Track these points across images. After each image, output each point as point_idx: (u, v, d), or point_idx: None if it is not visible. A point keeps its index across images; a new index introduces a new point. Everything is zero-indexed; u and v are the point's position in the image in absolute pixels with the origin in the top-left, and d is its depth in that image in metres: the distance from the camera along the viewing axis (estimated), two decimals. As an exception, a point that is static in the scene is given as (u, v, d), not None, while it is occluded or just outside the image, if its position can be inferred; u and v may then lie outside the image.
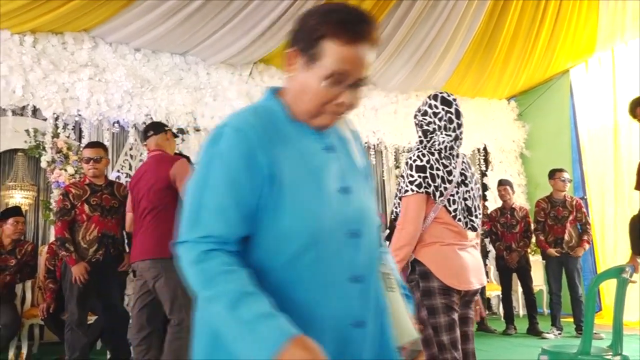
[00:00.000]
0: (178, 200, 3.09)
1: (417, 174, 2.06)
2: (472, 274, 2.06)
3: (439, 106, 2.16)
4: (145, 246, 3.07)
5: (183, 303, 2.99)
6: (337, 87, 1.03)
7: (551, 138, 7.89)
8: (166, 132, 3.39)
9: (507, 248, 5.80)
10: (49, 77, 5.34)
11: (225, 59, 6.17)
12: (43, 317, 4.41)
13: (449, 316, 2.01)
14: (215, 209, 0.99)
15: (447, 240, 2.06)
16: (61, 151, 5.36)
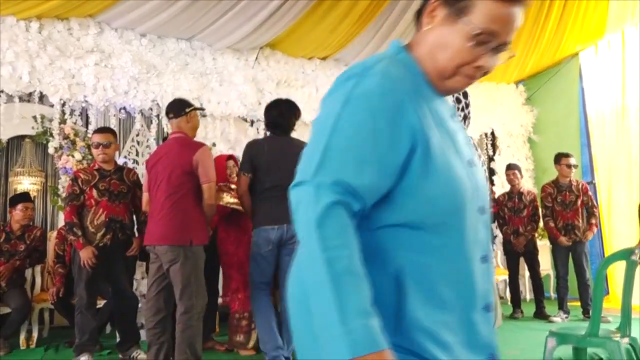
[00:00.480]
0: (198, 186, 3.14)
1: None
2: None
3: None
4: (165, 231, 3.07)
5: (194, 290, 3.01)
6: (480, 48, 0.92)
7: (559, 122, 7.82)
8: (186, 115, 3.30)
9: (515, 232, 5.78)
10: (55, 63, 5.34)
11: (231, 44, 6.13)
12: (53, 302, 4.46)
13: None
14: (350, 153, 0.85)
15: None
16: (68, 137, 5.37)
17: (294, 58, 6.73)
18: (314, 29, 6.19)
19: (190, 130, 3.33)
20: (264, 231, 3.31)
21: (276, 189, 3.32)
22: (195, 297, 3.01)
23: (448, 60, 0.94)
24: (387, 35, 6.50)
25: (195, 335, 2.99)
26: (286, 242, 3.34)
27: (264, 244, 3.31)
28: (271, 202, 3.33)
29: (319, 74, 6.86)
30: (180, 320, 3.01)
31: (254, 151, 3.43)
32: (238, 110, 6.18)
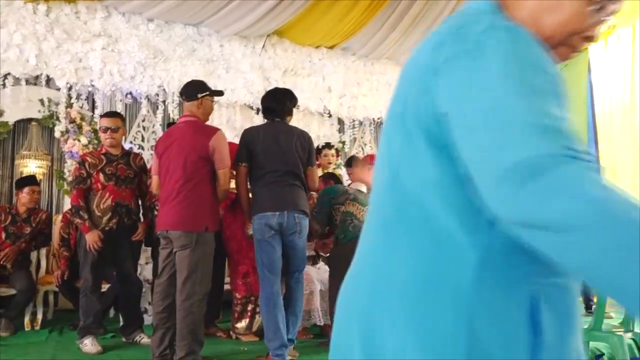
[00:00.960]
0: (213, 172, 3.15)
1: None
2: None
3: None
4: (180, 217, 3.04)
5: (198, 278, 3.02)
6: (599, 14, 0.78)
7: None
8: (198, 99, 3.23)
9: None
10: (62, 47, 5.34)
11: (239, 30, 6.11)
12: (57, 284, 4.49)
13: None
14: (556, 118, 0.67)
15: None
16: (74, 121, 5.38)
17: (301, 46, 6.70)
18: (322, 17, 6.16)
19: (202, 115, 3.27)
20: (264, 217, 3.28)
21: (275, 174, 3.30)
22: (199, 284, 3.02)
23: (559, 25, 0.79)
24: (395, 24, 6.46)
25: (196, 321, 3.01)
26: (286, 230, 3.32)
27: (266, 229, 3.29)
28: (270, 187, 3.31)
29: (326, 63, 6.83)
30: (182, 307, 3.02)
31: (249, 138, 3.40)
32: (244, 98, 6.17)
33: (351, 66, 7.05)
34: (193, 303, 3.01)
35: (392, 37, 6.71)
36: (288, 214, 3.28)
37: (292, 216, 3.31)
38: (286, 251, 3.39)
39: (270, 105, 3.53)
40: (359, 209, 3.83)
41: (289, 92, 3.64)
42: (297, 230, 3.33)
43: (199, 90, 3.26)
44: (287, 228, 3.31)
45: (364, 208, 3.83)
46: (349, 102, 6.95)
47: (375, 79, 7.19)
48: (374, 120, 7.22)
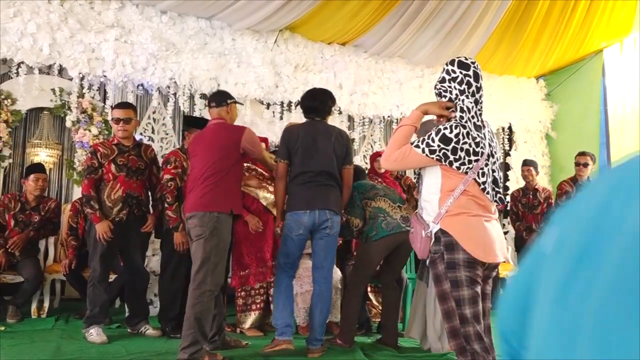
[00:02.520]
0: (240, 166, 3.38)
1: (438, 142, 2.06)
2: (497, 246, 2.06)
3: (457, 70, 2.15)
4: (201, 200, 3.12)
5: (210, 268, 3.06)
6: None
7: (579, 120, 7.74)
8: (228, 105, 3.42)
9: (527, 229, 5.77)
10: (75, 37, 5.37)
11: (251, 25, 6.12)
12: (65, 273, 4.54)
13: (473, 289, 2.00)
14: None
15: (474, 211, 2.05)
16: (86, 111, 5.42)
17: (313, 42, 6.70)
18: (335, 14, 6.16)
19: (230, 119, 3.44)
20: (296, 214, 3.41)
21: (309, 174, 3.43)
22: (210, 275, 3.06)
23: None
24: (409, 22, 6.45)
25: (204, 311, 3.04)
26: (319, 226, 3.43)
27: (296, 226, 3.41)
28: (304, 187, 3.43)
29: (338, 60, 6.83)
30: (192, 295, 3.06)
31: (289, 136, 3.53)
32: (255, 93, 6.18)
33: (363, 63, 7.04)
34: (203, 293, 3.04)
35: (404, 36, 6.69)
36: (319, 212, 3.39)
37: (323, 213, 3.42)
38: (315, 247, 3.50)
39: (312, 104, 3.61)
40: (391, 205, 3.80)
41: (329, 92, 3.74)
42: (328, 225, 3.43)
43: (228, 97, 3.49)
44: (319, 224, 3.42)
45: (395, 205, 3.80)
46: (360, 99, 6.94)
47: (387, 77, 7.18)
48: (383, 118, 7.21)
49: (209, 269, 3.06)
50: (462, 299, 2.00)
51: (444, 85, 2.15)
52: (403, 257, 3.90)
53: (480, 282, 2.04)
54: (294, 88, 6.45)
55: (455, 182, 2.05)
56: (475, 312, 2.00)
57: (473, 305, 2.00)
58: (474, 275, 2.00)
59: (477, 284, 2.02)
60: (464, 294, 2.00)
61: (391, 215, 3.73)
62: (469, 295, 2.00)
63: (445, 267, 2.02)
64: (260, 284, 4.16)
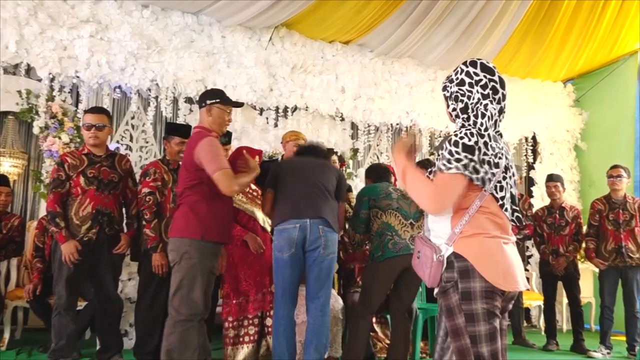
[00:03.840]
0: (206, 187, 3.13)
1: (463, 153, 1.97)
2: (518, 273, 2.00)
3: (480, 73, 2.09)
4: (175, 224, 3.18)
5: (184, 294, 3.04)
6: None
7: (612, 129, 7.72)
8: (206, 106, 3.29)
9: (554, 252, 5.71)
10: (45, 33, 5.37)
11: (243, 21, 6.12)
12: (28, 300, 4.48)
13: (491, 324, 1.94)
14: None
15: (492, 232, 1.99)
16: (56, 116, 5.40)
17: (313, 40, 6.71)
18: (337, 9, 6.17)
19: (211, 124, 3.28)
20: (285, 231, 3.40)
21: (296, 186, 3.52)
22: (185, 303, 3.03)
23: None
24: (418, 20, 6.46)
25: (175, 342, 3.01)
26: (310, 245, 3.38)
27: (286, 245, 3.38)
28: (291, 197, 3.49)
29: (340, 60, 6.83)
30: (166, 325, 3.08)
31: (276, 165, 3.75)
32: (247, 97, 6.17)
33: (368, 64, 7.04)
34: (176, 322, 3.03)
35: (415, 34, 6.70)
36: (311, 225, 3.37)
37: (315, 227, 3.39)
38: (308, 274, 3.44)
39: (307, 149, 3.88)
40: (401, 222, 3.78)
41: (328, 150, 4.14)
42: (320, 244, 3.39)
43: (209, 97, 3.31)
44: (310, 242, 3.39)
45: (407, 222, 3.78)
46: (365, 104, 6.93)
47: (395, 80, 7.18)
48: (391, 126, 7.19)
49: (182, 295, 3.04)
50: (479, 335, 1.94)
51: (463, 88, 2.10)
52: (414, 284, 3.85)
53: (499, 315, 1.98)
54: (291, 92, 6.45)
55: (470, 198, 2.00)
56: (493, 349, 1.95)
57: (491, 342, 1.94)
58: (492, 307, 1.95)
59: (496, 318, 1.96)
60: (480, 330, 1.94)
61: (400, 235, 3.70)
62: (486, 331, 1.94)
63: (459, 298, 1.97)
64: (256, 313, 4.11)
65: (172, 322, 3.06)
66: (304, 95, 6.55)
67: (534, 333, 6.73)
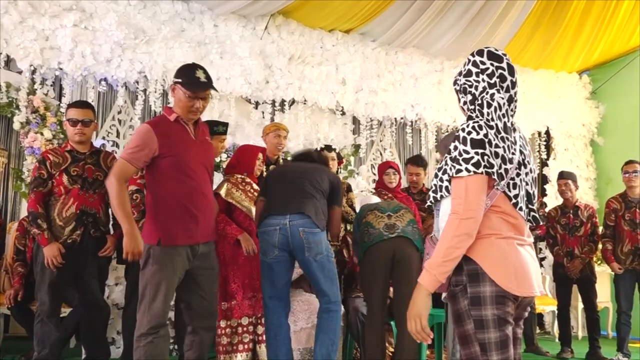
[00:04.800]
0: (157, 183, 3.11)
1: (473, 150, 1.95)
2: (533, 277, 1.99)
3: (486, 61, 2.09)
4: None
5: (146, 305, 3.01)
6: None
7: (630, 123, 7.72)
8: (172, 84, 3.13)
9: (568, 254, 5.72)
10: (26, 22, 5.36)
11: (237, 8, 6.12)
12: (9, 306, 4.49)
13: (502, 331, 1.93)
14: None
15: (504, 233, 1.98)
16: (37, 111, 5.40)
17: (311, 29, 6.71)
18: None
19: (175, 107, 3.16)
20: (266, 233, 3.56)
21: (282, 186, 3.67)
22: (146, 313, 2.99)
23: None
24: (424, 8, 6.46)
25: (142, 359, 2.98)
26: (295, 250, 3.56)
27: (268, 248, 3.55)
28: (274, 196, 3.66)
29: (341, 50, 6.84)
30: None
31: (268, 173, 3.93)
32: (241, 89, 6.18)
33: (370, 55, 7.04)
34: (139, 337, 3.00)
35: (420, 22, 6.70)
36: (291, 227, 3.47)
37: (295, 230, 3.49)
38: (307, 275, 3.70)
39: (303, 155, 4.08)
40: (376, 215, 3.96)
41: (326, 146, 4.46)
42: (304, 247, 3.51)
43: (175, 75, 3.14)
44: (293, 245, 3.51)
45: (383, 214, 3.95)
46: (367, 97, 6.93)
47: (399, 71, 7.18)
48: (395, 120, 7.20)
49: (145, 306, 2.99)
50: (489, 342, 1.93)
51: (470, 79, 2.10)
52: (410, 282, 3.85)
53: (511, 321, 1.97)
54: (288, 84, 6.45)
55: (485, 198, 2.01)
56: (504, 359, 1.96)
57: (502, 351, 1.93)
58: (503, 314, 1.94)
59: (508, 324, 1.95)
60: (490, 337, 1.93)
61: (373, 226, 3.84)
62: (496, 339, 1.93)
63: (468, 303, 1.96)
64: (249, 319, 4.12)
65: (135, 336, 3.01)
66: (302, 88, 6.55)
67: (548, 340, 6.75)
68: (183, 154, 3.07)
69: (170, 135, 3.05)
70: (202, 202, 3.12)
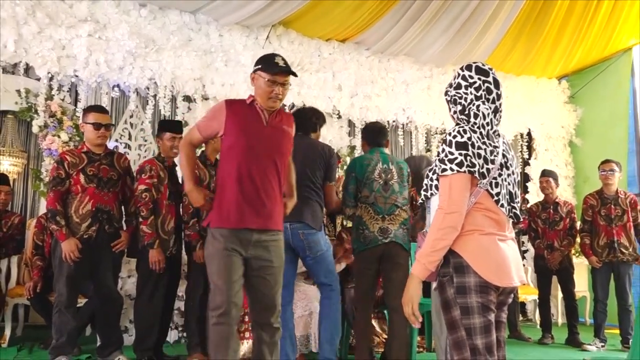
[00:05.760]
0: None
1: (457, 151, 2.03)
2: (513, 269, 2.04)
3: (474, 76, 2.16)
4: None
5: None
6: None
7: (606, 125, 7.75)
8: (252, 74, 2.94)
9: (549, 247, 5.73)
10: (44, 32, 5.36)
11: (240, 19, 6.12)
12: (29, 297, 4.49)
13: (485, 317, 1.98)
14: None
15: (487, 229, 2.03)
16: (55, 115, 5.40)
17: (310, 39, 6.71)
18: (334, 7, 6.17)
19: (255, 96, 2.93)
20: None
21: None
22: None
23: None
24: (414, 18, 6.46)
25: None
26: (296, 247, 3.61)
27: None
28: None
29: (337, 58, 6.84)
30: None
31: None
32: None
33: (364, 62, 7.05)
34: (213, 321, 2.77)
35: (411, 32, 6.70)
36: (292, 230, 3.52)
37: (295, 232, 3.55)
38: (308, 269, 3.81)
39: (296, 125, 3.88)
40: (372, 216, 3.83)
41: (315, 110, 4.07)
42: (305, 247, 3.61)
43: (256, 64, 2.96)
44: (295, 245, 3.59)
45: (378, 216, 3.82)
46: (361, 102, 6.94)
47: (391, 78, 7.19)
48: (388, 123, 7.19)
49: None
50: (474, 327, 1.98)
51: (460, 91, 2.16)
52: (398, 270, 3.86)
53: (494, 309, 2.02)
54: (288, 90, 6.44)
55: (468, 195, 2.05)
56: (488, 342, 1.99)
57: (486, 335, 1.98)
58: (486, 302, 1.98)
59: (491, 312, 2.00)
60: (475, 322, 1.98)
61: (369, 228, 3.80)
62: (480, 324, 1.98)
63: (454, 292, 2.01)
64: None
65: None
66: (301, 93, 6.55)
67: (530, 327, 6.76)
68: (248, 136, 2.78)
69: (240, 116, 2.81)
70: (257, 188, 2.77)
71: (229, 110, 2.80)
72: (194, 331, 4.15)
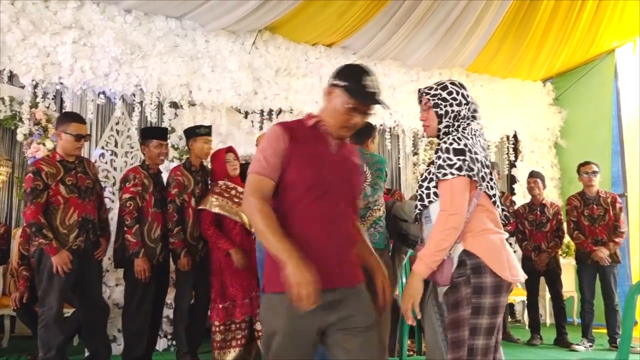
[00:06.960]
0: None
1: (455, 157, 2.11)
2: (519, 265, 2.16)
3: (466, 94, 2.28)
4: None
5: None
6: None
7: (590, 127, 7.80)
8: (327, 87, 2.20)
9: (536, 248, 5.76)
10: (28, 39, 5.29)
11: (227, 25, 6.09)
12: (15, 308, 4.42)
13: (493, 319, 2.06)
14: None
15: (494, 228, 2.13)
16: (40, 123, 5.33)
17: (296, 44, 6.69)
18: (320, 12, 6.15)
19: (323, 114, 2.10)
20: None
21: None
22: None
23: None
24: (401, 22, 6.46)
25: None
26: None
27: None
28: None
29: (324, 63, 6.83)
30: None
31: None
32: (231, 100, 6.14)
33: (351, 67, 7.03)
34: None
35: (397, 36, 6.71)
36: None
37: None
38: None
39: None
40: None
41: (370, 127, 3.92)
42: None
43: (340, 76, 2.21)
44: None
45: None
46: (349, 106, 6.92)
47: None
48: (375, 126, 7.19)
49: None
50: (479, 327, 2.03)
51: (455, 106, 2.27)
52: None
53: (502, 312, 2.10)
54: (275, 95, 6.43)
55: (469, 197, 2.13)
56: (487, 345, 2.05)
57: (488, 337, 2.05)
58: (497, 303, 2.06)
59: (499, 315, 2.08)
60: (482, 323, 2.04)
61: None
62: (487, 325, 2.04)
63: (471, 292, 2.06)
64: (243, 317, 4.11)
65: None
66: (289, 98, 6.53)
67: (518, 328, 6.78)
68: (317, 167, 1.99)
69: (304, 142, 2.01)
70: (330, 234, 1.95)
71: (289, 136, 2.00)
72: (182, 339, 4.11)
